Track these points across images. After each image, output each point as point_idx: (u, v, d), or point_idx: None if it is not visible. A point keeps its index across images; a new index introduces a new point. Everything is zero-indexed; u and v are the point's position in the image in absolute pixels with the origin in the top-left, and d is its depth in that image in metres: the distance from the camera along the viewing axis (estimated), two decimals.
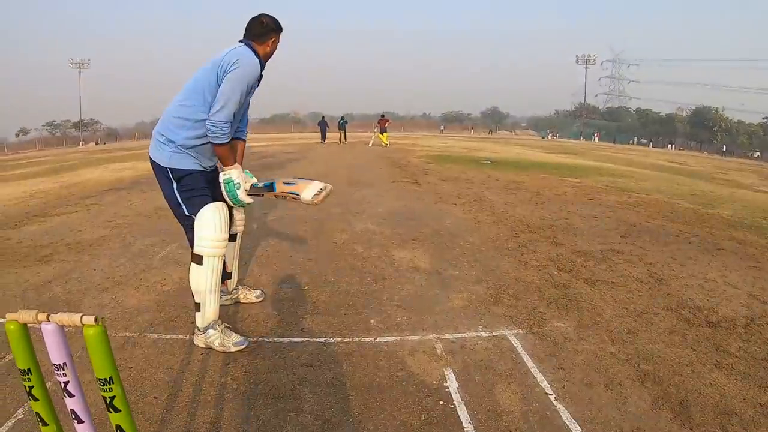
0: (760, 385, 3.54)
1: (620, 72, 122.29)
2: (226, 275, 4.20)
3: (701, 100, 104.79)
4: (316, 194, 3.77)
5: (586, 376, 3.45)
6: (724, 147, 73.98)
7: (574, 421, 2.93)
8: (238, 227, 4.14)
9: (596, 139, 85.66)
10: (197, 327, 3.59)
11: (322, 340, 3.81)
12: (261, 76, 3.61)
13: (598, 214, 9.35)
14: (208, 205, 3.50)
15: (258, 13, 3.61)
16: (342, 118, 38.24)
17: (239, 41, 3.57)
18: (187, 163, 3.55)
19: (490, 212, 8.98)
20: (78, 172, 17.55)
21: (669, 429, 2.95)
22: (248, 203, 3.77)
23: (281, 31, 3.65)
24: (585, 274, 5.61)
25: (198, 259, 3.46)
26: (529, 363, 3.61)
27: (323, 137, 34.02)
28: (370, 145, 29.87)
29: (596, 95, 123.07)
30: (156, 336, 3.83)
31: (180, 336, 3.83)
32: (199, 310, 3.51)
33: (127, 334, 3.85)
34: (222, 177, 3.67)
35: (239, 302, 4.47)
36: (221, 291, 3.98)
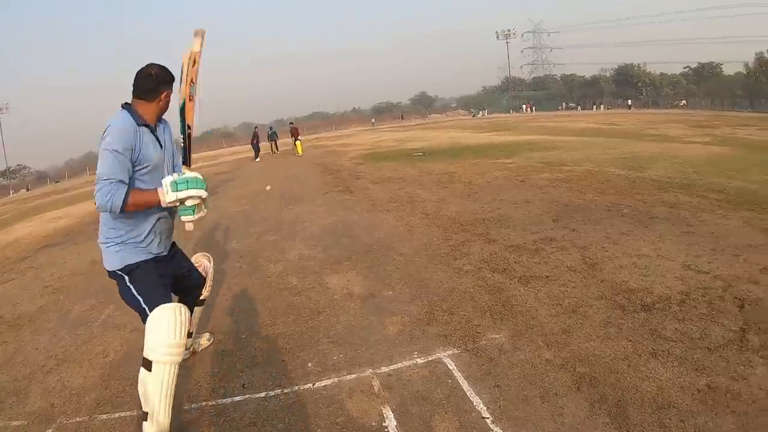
0: (697, 368, 3.65)
1: (542, 41, 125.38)
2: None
3: (624, 58, 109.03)
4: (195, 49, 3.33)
5: (522, 391, 3.48)
6: (631, 102, 76.65)
7: None
8: (205, 294, 4.16)
9: (527, 110, 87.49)
10: None
11: (262, 394, 3.77)
12: (156, 128, 3.40)
13: (531, 197, 9.54)
14: (163, 305, 3.19)
15: (147, 64, 3.34)
16: (270, 128, 37.86)
17: (122, 104, 3.32)
18: (133, 254, 3.33)
19: (423, 214, 9.02)
20: (12, 228, 16.90)
21: None
22: (193, 176, 3.28)
23: (173, 82, 3.40)
24: (519, 272, 5.69)
25: (147, 365, 3.07)
26: (465, 386, 3.62)
27: (256, 153, 32.82)
28: (294, 154, 29.60)
29: (521, 67, 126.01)
30: (105, 416, 3.75)
31: (127, 413, 3.75)
32: (145, 419, 3.09)
33: (78, 419, 3.76)
34: (165, 189, 3.19)
35: (194, 352, 4.43)
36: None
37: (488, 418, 3.23)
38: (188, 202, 3.26)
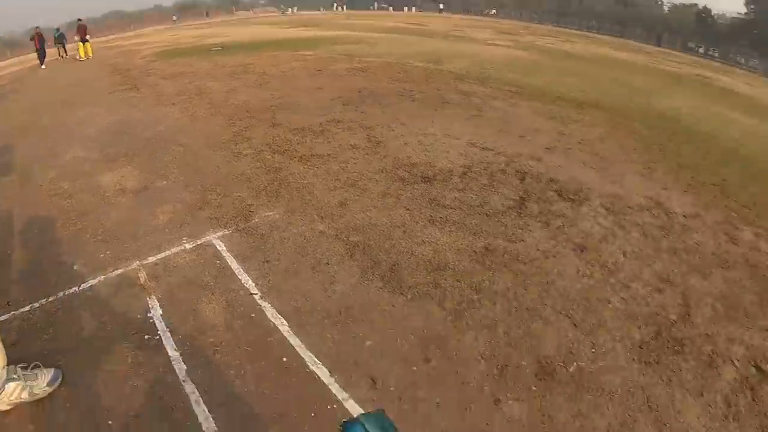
0: (475, 232, 3.78)
1: None
2: None
3: None
4: None
5: (292, 264, 3.38)
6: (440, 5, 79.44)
7: (279, 317, 2.87)
8: None
9: (338, 9, 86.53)
10: None
11: (27, 308, 3.29)
12: None
13: (324, 85, 9.34)
14: None
15: None
16: (57, 29, 33.56)
17: None
18: None
19: (209, 105, 8.45)
20: None
21: (379, 299, 3.00)
22: None
23: None
24: (300, 152, 5.52)
25: None
26: (234, 265, 3.43)
27: (42, 58, 28.63)
28: (77, 57, 26.53)
29: None
30: None
31: None
32: None
33: None
34: None
35: None
36: None
37: (256, 294, 3.10)
38: None
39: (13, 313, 3.27)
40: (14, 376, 2.60)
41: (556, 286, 3.23)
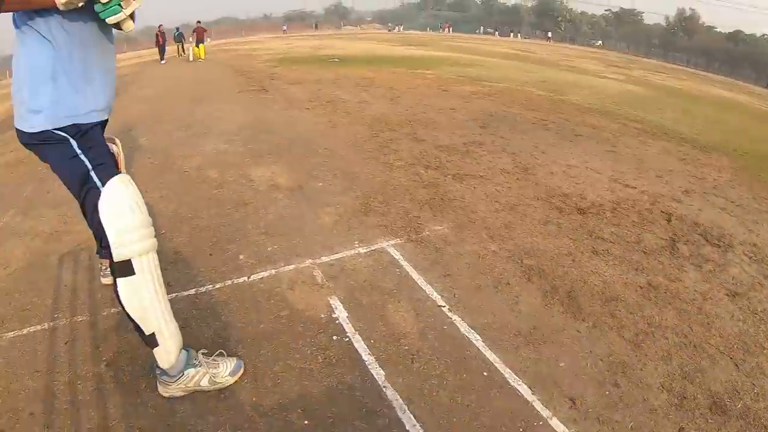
0: (637, 268, 3.72)
1: None
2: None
3: None
4: None
5: (473, 280, 3.37)
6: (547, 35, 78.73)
7: (472, 331, 2.85)
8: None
9: (446, 30, 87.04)
10: (160, 371, 2.46)
11: (192, 291, 3.33)
12: None
13: (455, 105, 9.40)
14: (113, 178, 2.24)
15: None
16: (177, 29, 35.44)
17: None
18: (74, 102, 2.26)
19: (345, 113, 8.67)
20: None
21: (564, 323, 2.97)
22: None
23: None
24: (452, 170, 5.55)
25: (124, 269, 2.23)
26: (414, 275, 3.44)
27: (162, 54, 30.32)
28: (190, 58, 27.55)
29: None
30: (12, 334, 3.05)
31: (38, 327, 3.08)
32: (156, 344, 2.34)
33: None
34: None
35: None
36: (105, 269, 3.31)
37: (444, 306, 3.09)
38: None
39: (177, 294, 3.30)
40: (195, 361, 2.50)
41: (716, 326, 3.13)
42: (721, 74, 50.61)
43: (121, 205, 2.21)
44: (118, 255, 2.19)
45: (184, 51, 32.72)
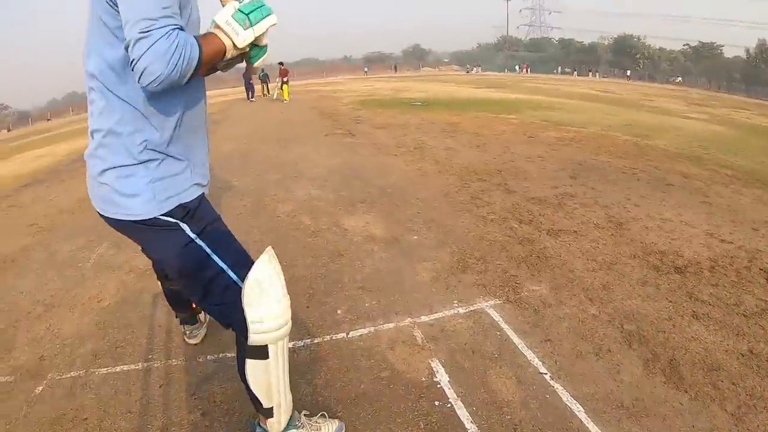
0: (738, 333, 3.59)
1: (541, 3, 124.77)
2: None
3: (624, 29, 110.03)
4: None
5: (575, 346, 3.36)
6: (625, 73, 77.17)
7: (575, 401, 2.84)
8: None
9: (524, 71, 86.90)
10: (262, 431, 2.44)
11: (290, 344, 3.20)
12: None
13: (543, 153, 9.39)
14: (261, 260, 2.08)
15: None
16: (262, 70, 36.90)
17: None
18: (178, 179, 2.04)
19: (434, 161, 8.82)
20: None
21: (665, 394, 2.92)
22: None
23: None
24: (546, 225, 5.55)
25: (259, 353, 2.13)
26: (515, 339, 3.46)
27: (251, 94, 31.81)
28: (274, 97, 28.55)
29: (518, 27, 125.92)
30: (105, 371, 3.23)
31: (131, 366, 3.26)
32: (271, 416, 2.30)
33: (73, 373, 3.24)
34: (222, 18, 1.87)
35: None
36: (198, 324, 3.39)
37: (546, 373, 3.09)
38: (262, 40, 1.99)
39: None
40: (297, 423, 2.43)
41: None
42: None
43: (267, 296, 2.07)
44: (256, 340, 2.10)
45: (269, 91, 34.09)
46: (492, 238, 5.20)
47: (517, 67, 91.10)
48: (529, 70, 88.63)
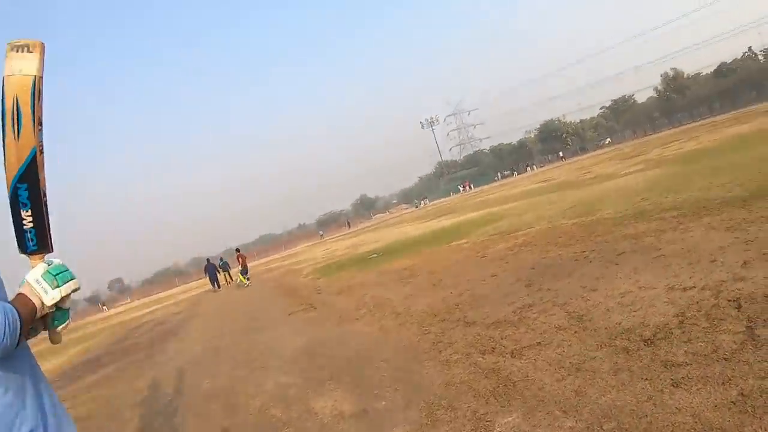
0: (723, 381, 3.52)
1: (464, 120, 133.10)
2: None
3: (543, 116, 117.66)
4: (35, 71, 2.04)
5: None
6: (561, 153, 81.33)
7: None
8: None
9: (466, 188, 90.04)
10: None
11: None
12: None
13: (496, 270, 9.48)
14: None
15: None
16: (221, 259, 39.64)
17: None
18: None
19: (394, 315, 8.79)
20: None
21: None
22: (59, 262, 2.13)
23: None
24: (509, 347, 5.48)
25: None
26: None
27: (215, 283, 33.58)
28: (237, 282, 29.74)
29: (450, 149, 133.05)
30: None
31: None
32: None
33: None
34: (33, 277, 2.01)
35: None
36: None
37: None
38: (65, 302, 2.10)
39: None
40: None
41: None
42: (724, 112, 51.06)
43: None
44: None
45: (231, 278, 35.77)
46: (458, 381, 5.09)
47: (459, 188, 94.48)
48: (471, 186, 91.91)
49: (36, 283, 1.98)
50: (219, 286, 33.26)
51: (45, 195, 2.14)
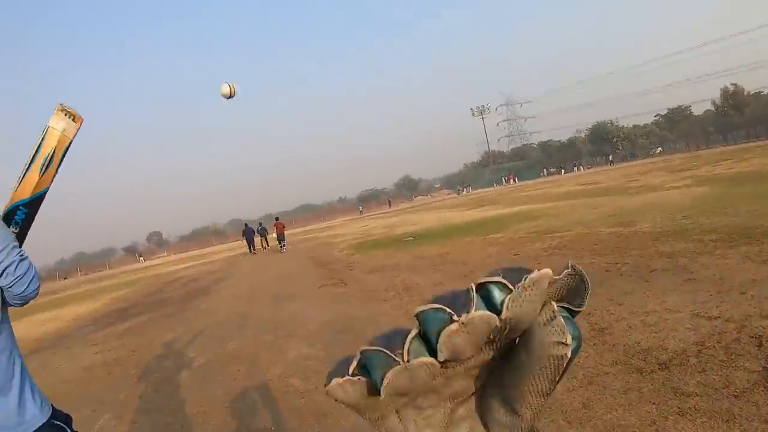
0: (728, 419, 3.56)
1: (516, 112, 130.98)
2: None
3: (596, 117, 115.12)
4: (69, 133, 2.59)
5: None
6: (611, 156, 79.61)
7: None
8: None
9: (511, 181, 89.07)
10: None
11: None
12: None
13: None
14: None
15: None
16: (260, 224, 40.04)
17: None
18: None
19: (420, 302, 8.87)
20: None
21: None
22: None
23: None
24: None
25: None
26: None
27: (252, 246, 34.22)
28: (282, 251, 30.03)
29: (498, 140, 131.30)
30: None
31: None
32: None
33: None
34: None
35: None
36: None
37: None
38: None
39: None
40: None
41: None
42: None
43: None
44: None
45: (268, 243, 36.10)
46: None
47: (503, 179, 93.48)
48: (516, 179, 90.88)
49: None
50: (255, 250, 33.81)
51: (29, 227, 2.56)
